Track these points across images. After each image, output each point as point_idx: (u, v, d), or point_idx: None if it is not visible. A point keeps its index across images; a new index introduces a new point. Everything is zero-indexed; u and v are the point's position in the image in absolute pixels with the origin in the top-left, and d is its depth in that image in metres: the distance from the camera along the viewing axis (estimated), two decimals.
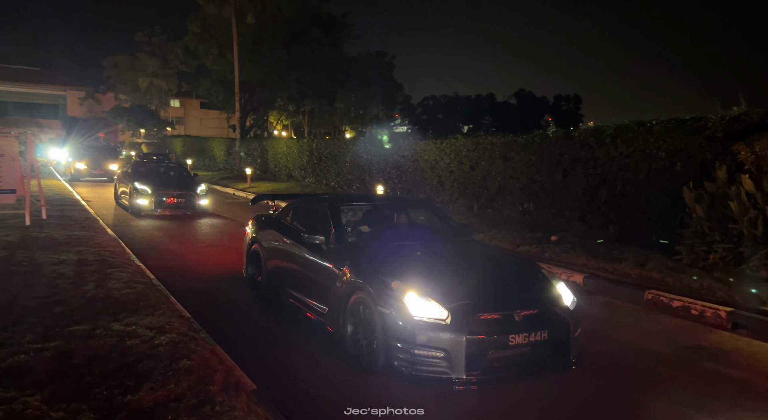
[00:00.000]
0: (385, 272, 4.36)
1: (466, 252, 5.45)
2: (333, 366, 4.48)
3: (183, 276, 7.46)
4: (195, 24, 31.89)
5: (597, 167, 9.84)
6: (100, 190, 19.14)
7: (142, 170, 14.36)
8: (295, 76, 32.78)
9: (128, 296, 5.56)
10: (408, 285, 4.11)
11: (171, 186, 13.55)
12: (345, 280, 4.63)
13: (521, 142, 11.57)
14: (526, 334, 4.05)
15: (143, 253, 8.52)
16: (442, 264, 4.78)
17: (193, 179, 14.70)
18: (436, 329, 3.93)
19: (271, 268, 6.13)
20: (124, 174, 14.66)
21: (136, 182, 13.18)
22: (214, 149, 33.19)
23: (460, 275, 4.51)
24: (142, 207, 12.92)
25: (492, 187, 12.36)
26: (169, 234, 11.05)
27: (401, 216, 6.03)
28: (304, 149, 22.13)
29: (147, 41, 48.65)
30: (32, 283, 5.92)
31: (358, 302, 4.44)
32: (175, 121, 57.57)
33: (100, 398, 3.35)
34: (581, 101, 62.82)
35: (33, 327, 4.50)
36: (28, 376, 3.60)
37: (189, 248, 9.62)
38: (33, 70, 60.09)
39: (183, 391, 3.51)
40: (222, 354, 4.37)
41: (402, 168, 15.68)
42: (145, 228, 11.57)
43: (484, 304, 4.13)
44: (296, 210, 6.36)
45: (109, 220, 12.08)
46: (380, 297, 4.18)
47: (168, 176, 14.56)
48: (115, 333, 4.45)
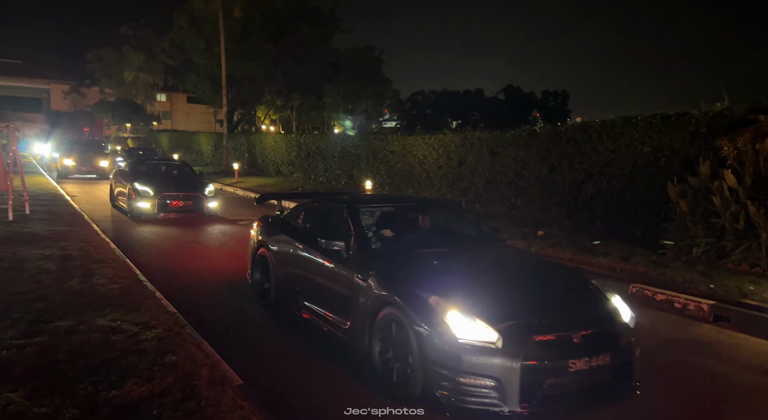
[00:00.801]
0: (418, 285, 3.87)
1: (504, 260, 4.91)
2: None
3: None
4: (182, 18, 31.54)
5: (583, 162, 9.92)
6: (91, 189, 18.08)
7: (143, 169, 13.03)
8: (283, 70, 32.59)
9: (113, 292, 5.51)
10: (448, 301, 3.62)
11: (175, 187, 12.03)
12: (371, 293, 4.13)
13: (509, 137, 11.62)
14: (587, 359, 3.49)
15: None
16: (481, 275, 4.28)
17: (200, 179, 13.27)
18: (485, 354, 3.40)
19: (281, 275, 5.55)
20: (121, 173, 13.17)
21: (136, 183, 11.66)
22: (201, 144, 32.93)
23: (504, 288, 4.02)
24: (143, 211, 11.38)
25: (480, 183, 12.42)
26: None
27: (425, 219, 5.46)
28: (292, 144, 22.04)
29: (132, 35, 47.97)
30: (15, 278, 5.84)
31: (387, 319, 3.93)
32: (161, 115, 57.02)
33: (83, 393, 3.33)
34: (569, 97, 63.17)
35: (16, 322, 4.45)
36: (11, 372, 3.56)
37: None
38: (15, 63, 58.98)
39: (168, 385, 3.50)
40: (208, 349, 4.35)
41: (391, 163, 15.68)
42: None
43: (538, 323, 3.60)
44: (309, 211, 5.81)
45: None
46: (416, 314, 3.66)
47: (171, 176, 13.26)
48: (99, 328, 4.41)
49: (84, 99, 54.85)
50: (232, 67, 28.29)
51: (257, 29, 31.30)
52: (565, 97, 62.99)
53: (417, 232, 5.32)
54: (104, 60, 49.18)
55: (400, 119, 59.76)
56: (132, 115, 44.06)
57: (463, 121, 55.18)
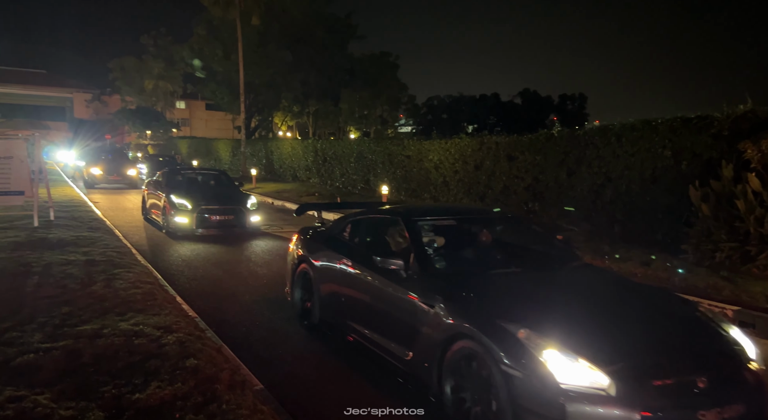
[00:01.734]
0: (501, 314, 3.32)
1: (591, 282, 4.25)
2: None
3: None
4: (200, 26, 32.06)
5: (602, 166, 9.82)
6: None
7: (178, 179, 12.12)
8: (300, 77, 32.88)
9: (135, 296, 5.61)
10: (543, 335, 3.05)
11: (215, 199, 11.05)
12: (439, 322, 3.59)
13: (526, 141, 11.56)
14: (719, 410, 2.87)
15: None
16: (570, 302, 3.63)
17: (240, 191, 12.22)
18: (595, 403, 2.83)
19: (326, 294, 5.06)
20: (155, 183, 12.10)
21: (172, 195, 10.68)
22: (220, 150, 33.34)
23: (603, 319, 3.39)
24: (179, 226, 10.41)
25: (496, 187, 12.36)
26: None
27: (487, 233, 4.83)
28: (308, 150, 22.19)
29: (152, 43, 48.90)
30: (41, 283, 5.98)
31: (464, 354, 3.38)
32: (180, 122, 57.86)
33: (108, 396, 3.39)
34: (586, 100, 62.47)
35: (42, 326, 4.55)
36: (38, 375, 3.64)
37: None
38: (40, 73, 60.61)
39: (190, 389, 3.54)
40: (228, 353, 4.40)
41: (407, 168, 15.70)
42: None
43: (654, 364, 3.02)
44: (357, 224, 5.29)
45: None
46: (502, 351, 3.09)
47: (209, 187, 12.33)
48: (122, 332, 4.49)
49: (106, 107, 56.08)
50: (249, 74, 28.65)
51: (274, 36, 31.67)
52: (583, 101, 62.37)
53: (482, 249, 4.70)
54: (125, 69, 50.20)
55: (415, 124, 59.75)
56: (152, 122, 44.80)
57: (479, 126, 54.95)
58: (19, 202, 10.28)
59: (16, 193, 10.11)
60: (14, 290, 5.65)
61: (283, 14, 31.56)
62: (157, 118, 45.86)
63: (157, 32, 48.95)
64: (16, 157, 10.16)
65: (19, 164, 10.16)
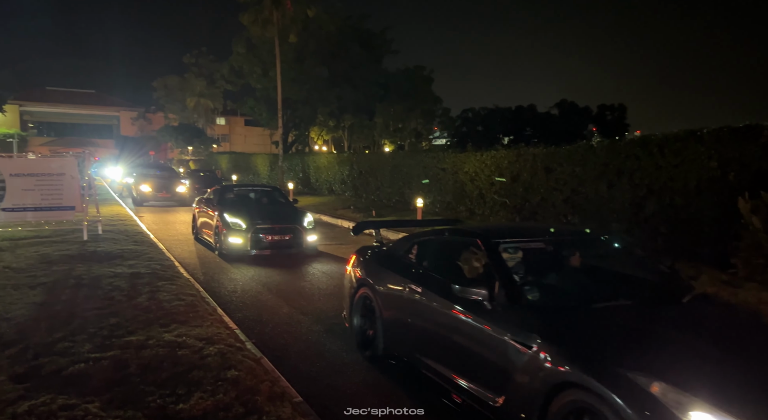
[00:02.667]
0: (622, 361, 2.73)
1: (722, 321, 3.59)
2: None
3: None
4: (240, 44, 33.03)
5: (644, 178, 9.56)
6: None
7: (230, 196, 11.47)
8: (336, 92, 33.39)
9: (178, 308, 5.78)
10: (686, 392, 2.47)
11: (270, 218, 10.26)
12: (540, 366, 3.01)
13: (564, 153, 11.39)
14: None
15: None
16: (705, 346, 2.99)
17: (295, 208, 11.45)
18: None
19: (392, 323, 4.53)
20: (206, 201, 11.43)
21: (225, 214, 9.97)
22: (258, 165, 34.08)
23: (754, 370, 2.77)
24: (233, 247, 9.64)
25: (534, 199, 12.19)
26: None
27: (582, 257, 4.22)
28: (344, 164, 22.44)
29: (194, 62, 50.76)
30: (90, 294, 6.23)
31: (574, 407, 2.82)
32: (220, 138, 59.53)
33: (153, 406, 3.49)
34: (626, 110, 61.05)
35: (91, 337, 4.74)
36: (88, 384, 3.79)
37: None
38: (89, 93, 63.63)
39: (231, 400, 3.62)
40: (267, 365, 4.47)
41: (442, 181, 15.67)
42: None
43: None
44: (425, 246, 4.78)
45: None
46: (631, 408, 2.50)
47: (262, 204, 11.60)
48: (166, 343, 4.62)
49: (150, 124, 58.41)
50: (287, 91, 29.31)
51: (311, 53, 32.34)
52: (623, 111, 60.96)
53: (578, 277, 4.10)
54: (168, 87, 52.21)
55: (450, 136, 59.61)
56: (193, 138, 46.25)
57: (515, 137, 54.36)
58: (70, 217, 10.77)
59: (68, 208, 10.61)
60: (66, 302, 5.91)
61: (319, 31, 32.22)
62: (198, 134, 47.34)
63: (199, 51, 50.85)
64: (67, 173, 10.68)
65: (70, 181, 10.68)
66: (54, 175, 10.57)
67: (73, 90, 62.32)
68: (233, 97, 49.81)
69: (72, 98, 61.22)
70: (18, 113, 57.79)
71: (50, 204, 10.50)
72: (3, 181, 10.22)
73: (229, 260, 9.58)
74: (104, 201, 18.38)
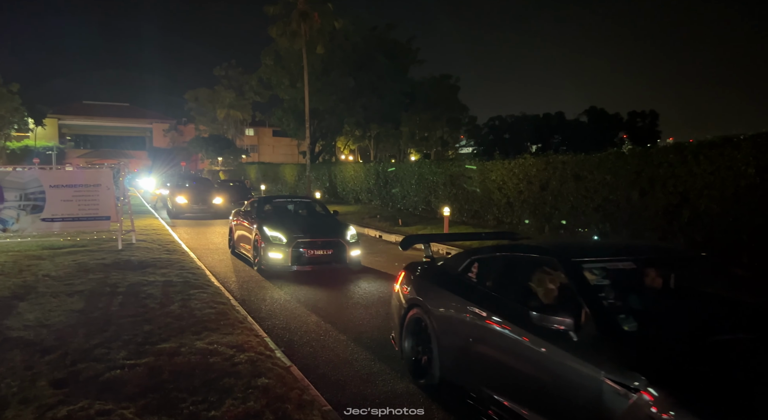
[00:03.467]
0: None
1: None
2: None
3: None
4: (268, 57, 33.64)
5: (678, 186, 9.34)
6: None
7: (268, 208, 10.96)
8: (362, 102, 33.65)
9: (209, 316, 5.87)
10: None
11: (311, 231, 9.49)
12: (646, 413, 2.46)
13: (595, 160, 11.21)
14: None
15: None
16: None
17: (337, 220, 10.77)
18: None
19: (451, 349, 4.06)
20: (243, 214, 11.01)
21: (265, 227, 9.41)
22: (286, 175, 34.51)
23: None
24: (273, 263, 9.04)
25: (564, 208, 12.01)
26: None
27: (673, 278, 3.74)
28: (370, 173, 22.54)
29: (224, 75, 51.98)
30: (125, 302, 6.39)
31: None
32: (249, 148, 60.58)
33: (186, 413, 3.55)
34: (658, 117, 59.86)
35: (126, 344, 4.85)
36: (123, 390, 3.88)
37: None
38: (124, 106, 65.71)
39: (262, 408, 3.65)
40: (297, 373, 4.49)
41: (468, 189, 15.58)
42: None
43: None
44: (487, 263, 4.26)
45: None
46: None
47: (302, 217, 11.10)
48: (198, 351, 4.70)
49: (181, 136, 59.89)
50: (314, 101, 29.68)
51: (337, 64, 32.70)
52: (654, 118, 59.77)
53: (679, 302, 3.53)
54: (199, 99, 53.55)
55: (476, 145, 59.36)
56: (223, 149, 47.16)
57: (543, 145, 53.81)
58: (106, 227, 11.08)
59: (104, 218, 10.92)
60: (102, 309, 6.07)
61: (346, 42, 32.58)
62: (228, 145, 48.24)
63: (228, 64, 52.08)
64: (103, 184, 11.00)
65: (105, 191, 11.00)
66: (90, 186, 10.91)
67: (109, 103, 64.49)
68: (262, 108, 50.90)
69: (107, 111, 63.32)
70: (57, 127, 60.01)
71: (87, 214, 10.83)
72: (43, 192, 10.60)
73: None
74: (139, 213, 18.62)
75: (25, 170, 10.92)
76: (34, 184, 10.59)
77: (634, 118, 59.72)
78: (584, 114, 58.95)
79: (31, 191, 10.56)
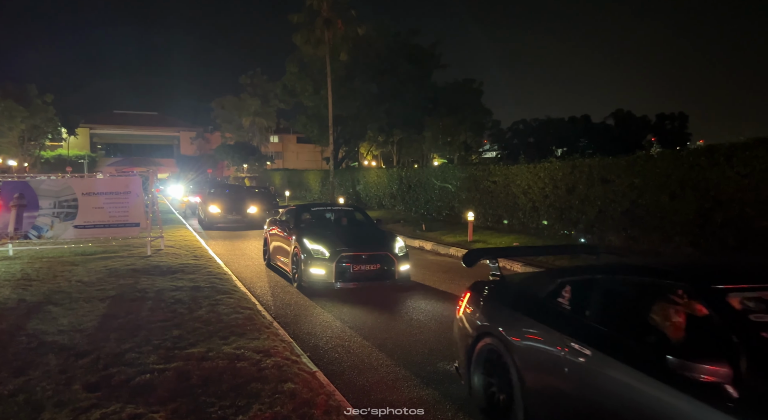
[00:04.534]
0: None
1: None
2: None
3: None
4: (292, 64, 34.05)
5: (710, 189, 9.10)
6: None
7: (306, 218, 10.07)
8: (385, 108, 33.74)
9: (236, 321, 5.93)
10: None
11: (356, 244, 8.60)
12: None
13: (623, 164, 11.01)
14: None
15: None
16: None
17: (382, 231, 9.80)
18: None
19: (539, 390, 3.38)
20: (281, 223, 10.02)
21: (305, 239, 8.54)
22: (310, 181, 34.81)
23: None
24: (315, 279, 8.17)
25: (591, 212, 11.82)
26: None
27: None
28: (393, 178, 22.56)
29: (249, 83, 52.83)
30: (155, 307, 6.51)
31: None
32: (274, 155, 61.37)
33: (215, 417, 3.59)
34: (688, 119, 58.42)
35: (156, 348, 4.93)
36: (154, 394, 3.94)
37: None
38: (152, 115, 67.33)
39: (288, 413, 3.67)
40: (323, 378, 4.50)
41: (493, 193, 15.46)
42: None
43: None
44: (583, 287, 3.44)
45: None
46: None
47: (342, 227, 10.09)
48: (226, 355, 4.75)
49: (208, 143, 61.03)
50: (337, 108, 29.90)
51: (360, 70, 32.90)
52: (684, 120, 58.29)
53: None
54: (225, 107, 54.53)
55: (500, 149, 58.84)
56: (249, 156, 47.84)
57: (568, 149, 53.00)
58: (136, 233, 11.33)
59: (134, 224, 11.18)
60: (133, 313, 6.19)
61: (369, 48, 32.76)
62: (253, 152, 48.93)
63: (253, 72, 52.92)
64: (133, 192, 11.27)
65: (135, 198, 11.26)
66: (121, 193, 11.19)
67: (138, 112, 66.20)
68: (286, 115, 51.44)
69: (137, 120, 65.00)
70: (88, 136, 61.83)
71: (117, 221, 11.10)
72: (76, 200, 10.91)
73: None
74: (168, 222, 18.33)
75: (58, 178, 11.26)
76: (67, 192, 10.91)
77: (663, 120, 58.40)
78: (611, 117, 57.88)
79: (65, 199, 10.87)
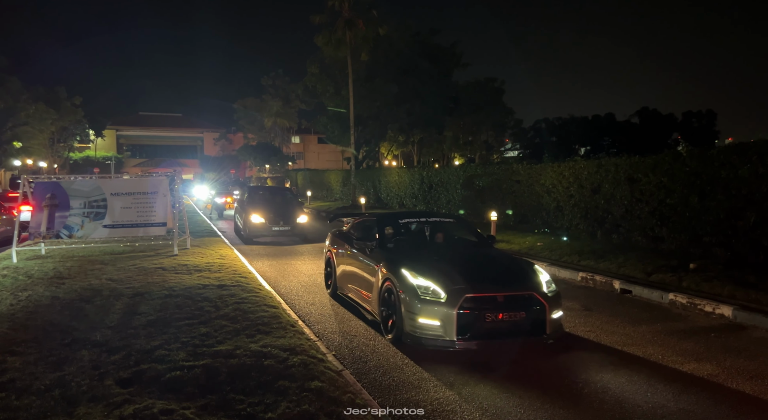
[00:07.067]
0: None
1: None
2: None
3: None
4: (314, 65, 34.26)
5: (741, 188, 8.87)
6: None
7: (390, 232, 7.03)
8: (405, 107, 33.71)
9: (262, 319, 6.00)
10: None
11: (480, 278, 5.67)
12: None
13: (650, 163, 10.79)
14: None
15: None
16: None
17: (512, 257, 6.82)
18: None
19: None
20: (356, 242, 7.05)
21: (404, 269, 5.72)
22: (331, 181, 34.95)
23: None
24: (426, 332, 5.31)
25: (617, 212, 11.62)
26: None
27: None
28: (415, 178, 22.52)
29: (271, 84, 53.26)
30: (182, 304, 6.61)
31: None
32: (295, 155, 61.77)
33: (244, 414, 3.63)
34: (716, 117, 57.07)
35: (185, 346, 5.01)
36: (184, 390, 4.01)
37: None
38: (177, 117, 68.41)
39: (316, 411, 3.69)
40: (349, 377, 4.52)
41: (516, 193, 15.32)
42: None
43: None
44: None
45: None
46: None
47: (452, 250, 6.92)
48: (253, 353, 4.81)
49: (231, 144, 61.80)
50: (358, 108, 29.96)
51: (381, 70, 32.93)
52: (712, 118, 57.02)
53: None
54: (248, 108, 55.11)
55: (522, 148, 58.28)
56: (271, 156, 48.26)
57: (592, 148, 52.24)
58: (163, 233, 11.52)
59: (160, 224, 11.37)
60: (162, 311, 6.31)
61: (390, 48, 32.77)
62: (275, 152, 49.34)
63: (275, 73, 53.32)
64: (159, 192, 11.47)
65: (162, 198, 11.46)
66: (148, 193, 11.40)
67: (163, 114, 67.35)
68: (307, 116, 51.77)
69: (162, 122, 66.13)
70: (115, 137, 63.15)
71: (144, 221, 11.31)
72: (105, 200, 11.15)
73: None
74: (197, 230, 17.10)
75: (87, 179, 11.52)
76: (96, 192, 11.16)
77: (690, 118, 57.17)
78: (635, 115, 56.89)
79: (94, 199, 11.12)
